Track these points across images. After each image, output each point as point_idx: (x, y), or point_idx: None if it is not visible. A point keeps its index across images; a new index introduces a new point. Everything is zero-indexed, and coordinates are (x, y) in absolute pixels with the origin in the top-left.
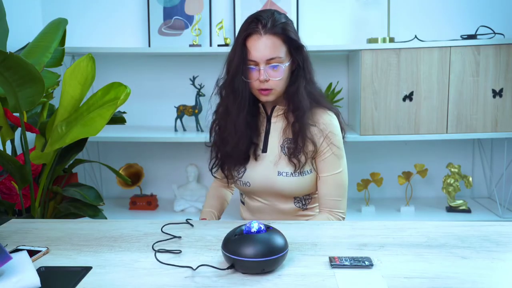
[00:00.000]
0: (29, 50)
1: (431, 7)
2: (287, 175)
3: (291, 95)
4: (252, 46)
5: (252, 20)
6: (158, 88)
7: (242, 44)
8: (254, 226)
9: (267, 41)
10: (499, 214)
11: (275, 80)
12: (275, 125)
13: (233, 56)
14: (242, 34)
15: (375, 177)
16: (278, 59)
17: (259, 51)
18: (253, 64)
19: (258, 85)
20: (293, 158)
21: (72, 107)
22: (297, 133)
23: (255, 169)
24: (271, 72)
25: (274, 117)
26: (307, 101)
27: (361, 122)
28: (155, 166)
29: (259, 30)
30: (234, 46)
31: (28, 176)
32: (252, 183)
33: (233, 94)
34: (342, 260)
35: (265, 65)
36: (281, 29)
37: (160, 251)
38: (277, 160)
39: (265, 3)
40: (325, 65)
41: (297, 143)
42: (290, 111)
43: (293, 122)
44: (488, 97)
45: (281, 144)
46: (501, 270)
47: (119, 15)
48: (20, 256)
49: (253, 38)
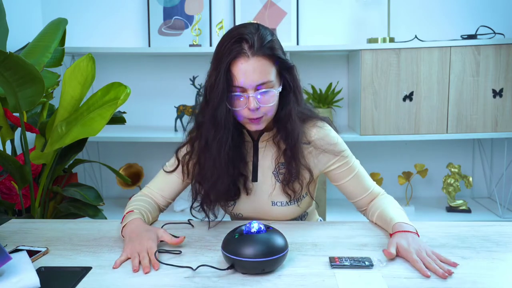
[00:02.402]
0: (29, 50)
1: (431, 7)
2: (282, 204)
3: (282, 120)
4: (238, 71)
5: (235, 39)
6: (158, 88)
7: (225, 69)
8: (254, 226)
9: (256, 64)
10: (499, 214)
11: (267, 106)
12: (263, 152)
13: (213, 83)
14: (225, 57)
15: (375, 177)
16: (269, 83)
17: (247, 76)
18: (240, 90)
19: (248, 114)
20: (288, 189)
21: (72, 107)
22: (291, 161)
23: (246, 202)
24: (262, 98)
25: (262, 142)
26: (299, 125)
27: (361, 122)
28: (155, 166)
29: (245, 52)
30: (215, 70)
31: (28, 176)
32: (244, 214)
33: (214, 127)
34: (342, 260)
35: (254, 92)
36: (270, 49)
37: (160, 251)
38: (272, 191)
39: (265, 3)
40: (325, 65)
41: (292, 172)
42: (280, 137)
43: (285, 149)
44: (488, 97)
45: (274, 171)
46: (501, 270)
47: (119, 15)
48: (20, 256)
49: (239, 62)
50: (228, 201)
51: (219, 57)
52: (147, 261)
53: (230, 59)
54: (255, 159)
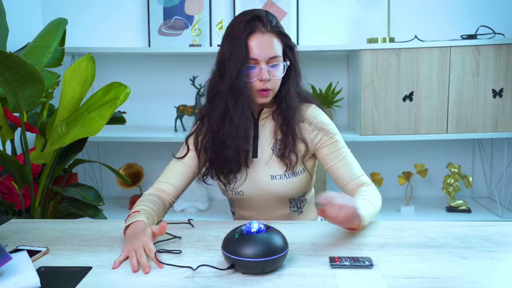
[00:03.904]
0: (29, 50)
1: (431, 7)
2: (280, 177)
3: (283, 95)
4: (254, 44)
5: (250, 17)
6: (158, 88)
7: (243, 42)
8: (254, 226)
9: (269, 39)
10: (499, 214)
11: (275, 79)
12: (263, 128)
13: (229, 55)
14: (241, 32)
15: (375, 177)
16: (278, 57)
17: (261, 49)
18: (253, 63)
19: (259, 85)
20: (284, 159)
21: (72, 107)
22: (287, 133)
23: (247, 177)
24: (272, 71)
25: (262, 120)
26: (296, 101)
27: (361, 122)
28: (155, 166)
29: (260, 28)
30: (230, 44)
31: (28, 176)
32: (245, 192)
33: (233, 95)
34: (342, 260)
35: (265, 64)
36: (278, 27)
37: (160, 251)
38: (268, 162)
39: (265, 3)
40: (325, 65)
41: (288, 143)
42: (278, 112)
43: (283, 123)
44: (488, 97)
45: (272, 146)
46: (501, 270)
47: (119, 15)
48: (20, 256)
49: (255, 36)
50: (229, 174)
51: (234, 33)
52: (144, 258)
53: (247, 33)
54: (255, 135)
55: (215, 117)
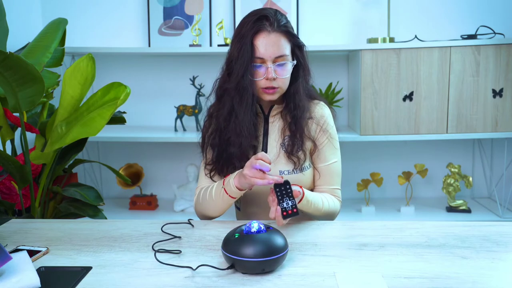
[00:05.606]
0: (29, 50)
1: (431, 7)
2: (288, 173)
3: (291, 94)
4: (260, 44)
5: (258, 17)
6: (158, 88)
7: (249, 42)
8: (254, 226)
9: (275, 39)
10: (499, 214)
11: (282, 78)
12: (273, 125)
13: (237, 54)
14: (248, 31)
15: (375, 177)
16: (285, 57)
17: (267, 48)
18: (260, 62)
19: (264, 83)
20: (292, 156)
21: (72, 107)
22: (295, 131)
23: None
24: (279, 70)
25: (272, 117)
26: (305, 100)
27: (361, 122)
28: (155, 166)
29: (266, 27)
30: (238, 43)
31: (28, 176)
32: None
33: (239, 93)
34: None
35: (272, 63)
36: (286, 27)
37: (160, 251)
38: (277, 158)
39: (265, 3)
40: (325, 65)
41: (296, 141)
42: (287, 111)
43: (291, 121)
44: (488, 97)
45: (281, 142)
46: (501, 270)
47: (119, 15)
48: (20, 256)
49: (261, 35)
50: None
51: (242, 33)
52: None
53: (253, 33)
54: (265, 132)
55: (222, 115)
